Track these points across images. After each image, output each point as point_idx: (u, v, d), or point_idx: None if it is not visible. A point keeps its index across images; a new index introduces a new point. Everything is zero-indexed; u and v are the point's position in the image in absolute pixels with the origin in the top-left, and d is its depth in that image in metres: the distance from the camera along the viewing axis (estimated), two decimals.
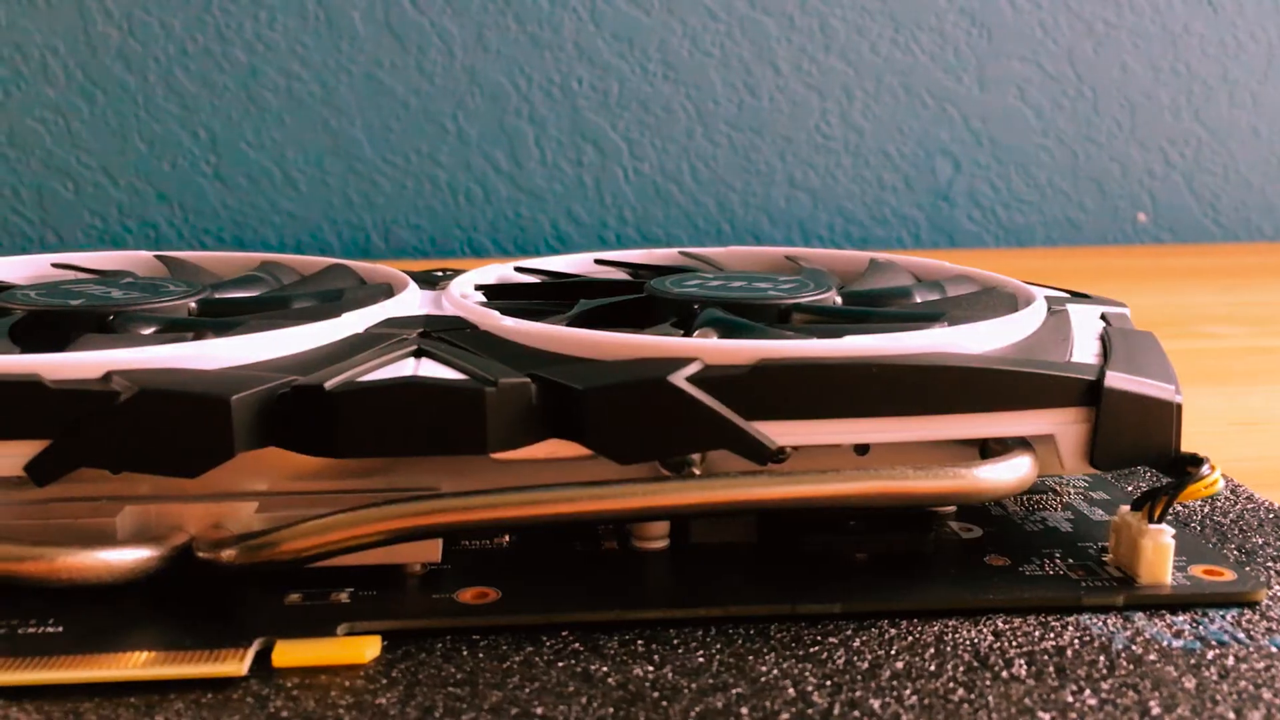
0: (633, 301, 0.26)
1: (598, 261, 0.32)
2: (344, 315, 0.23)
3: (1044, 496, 0.25)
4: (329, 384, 0.20)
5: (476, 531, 0.22)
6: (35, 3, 0.66)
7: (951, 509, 0.24)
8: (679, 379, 0.20)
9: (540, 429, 0.21)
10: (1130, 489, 0.26)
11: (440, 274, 0.30)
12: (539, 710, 0.17)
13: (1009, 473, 0.21)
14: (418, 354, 0.22)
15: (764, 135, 0.74)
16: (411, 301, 0.26)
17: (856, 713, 0.17)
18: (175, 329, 0.24)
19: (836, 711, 0.17)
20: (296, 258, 0.31)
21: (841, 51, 0.74)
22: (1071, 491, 0.26)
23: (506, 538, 0.23)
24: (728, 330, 0.23)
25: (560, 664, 0.19)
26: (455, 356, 0.22)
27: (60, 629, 0.19)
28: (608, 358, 0.21)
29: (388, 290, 0.27)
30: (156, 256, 0.31)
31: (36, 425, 0.20)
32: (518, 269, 0.30)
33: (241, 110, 0.69)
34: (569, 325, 0.23)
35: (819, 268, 0.30)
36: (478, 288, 0.28)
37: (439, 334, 0.23)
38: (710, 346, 0.21)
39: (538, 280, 0.30)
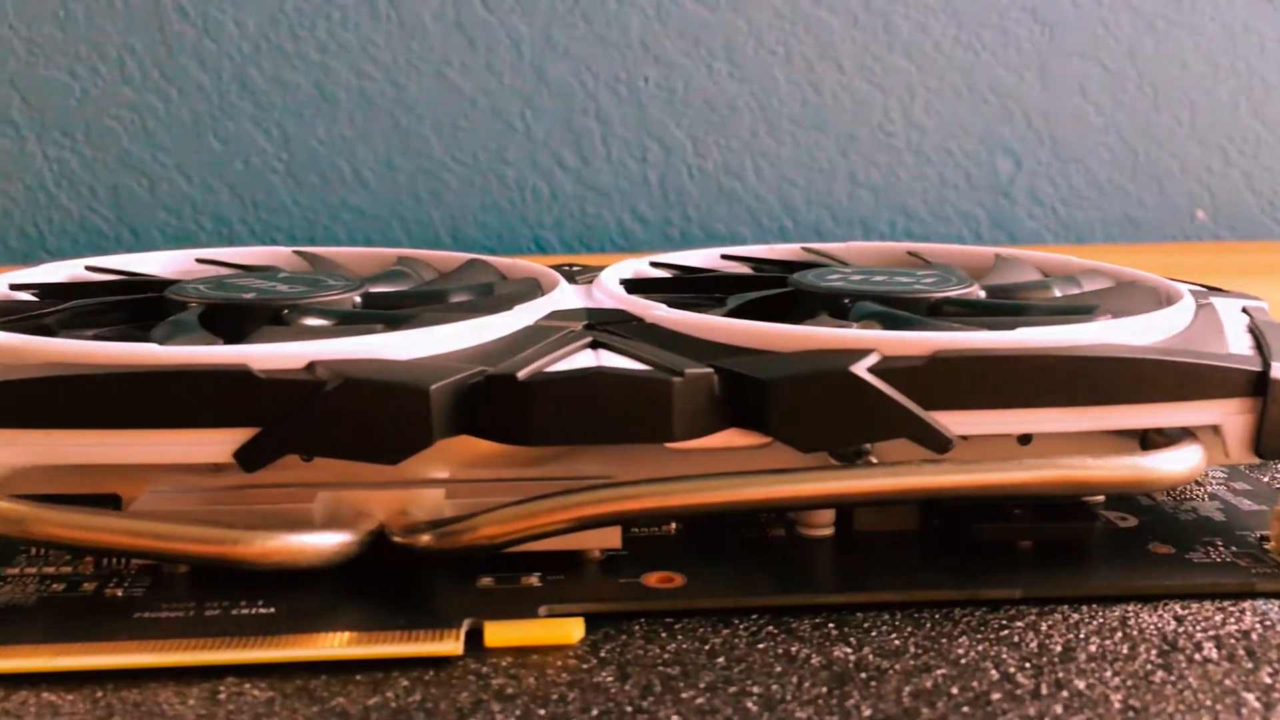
0: (780, 295, 0.27)
1: (724, 257, 0.32)
2: (515, 308, 0.24)
3: (1189, 487, 0.26)
4: (521, 374, 0.21)
5: (660, 518, 0.23)
6: (113, 2, 0.67)
7: (1100, 499, 0.25)
8: (861, 370, 0.21)
9: (721, 418, 0.21)
10: (1266, 479, 0.26)
11: (566, 268, 0.31)
12: (755, 689, 0.18)
13: (1183, 462, 0.21)
14: (593, 345, 0.23)
15: (827, 133, 0.75)
16: (569, 295, 0.26)
17: (1065, 693, 0.18)
18: (350, 321, 0.24)
19: (1045, 691, 0.18)
20: (429, 253, 0.32)
21: (905, 49, 0.74)
22: (1213, 482, 0.26)
23: (673, 526, 0.24)
24: (889, 323, 0.24)
25: (760, 645, 0.19)
26: (631, 348, 0.22)
27: (271, 610, 0.20)
28: (780, 349, 0.22)
29: (535, 285, 0.28)
30: (295, 252, 0.32)
31: (246, 413, 0.20)
32: (653, 264, 0.31)
33: (313, 108, 0.70)
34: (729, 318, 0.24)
35: (946, 263, 0.31)
36: (621, 282, 0.28)
37: (606, 326, 0.24)
38: (886, 339, 0.22)
39: (670, 275, 0.31)
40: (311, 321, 0.25)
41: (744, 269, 0.32)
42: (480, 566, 0.21)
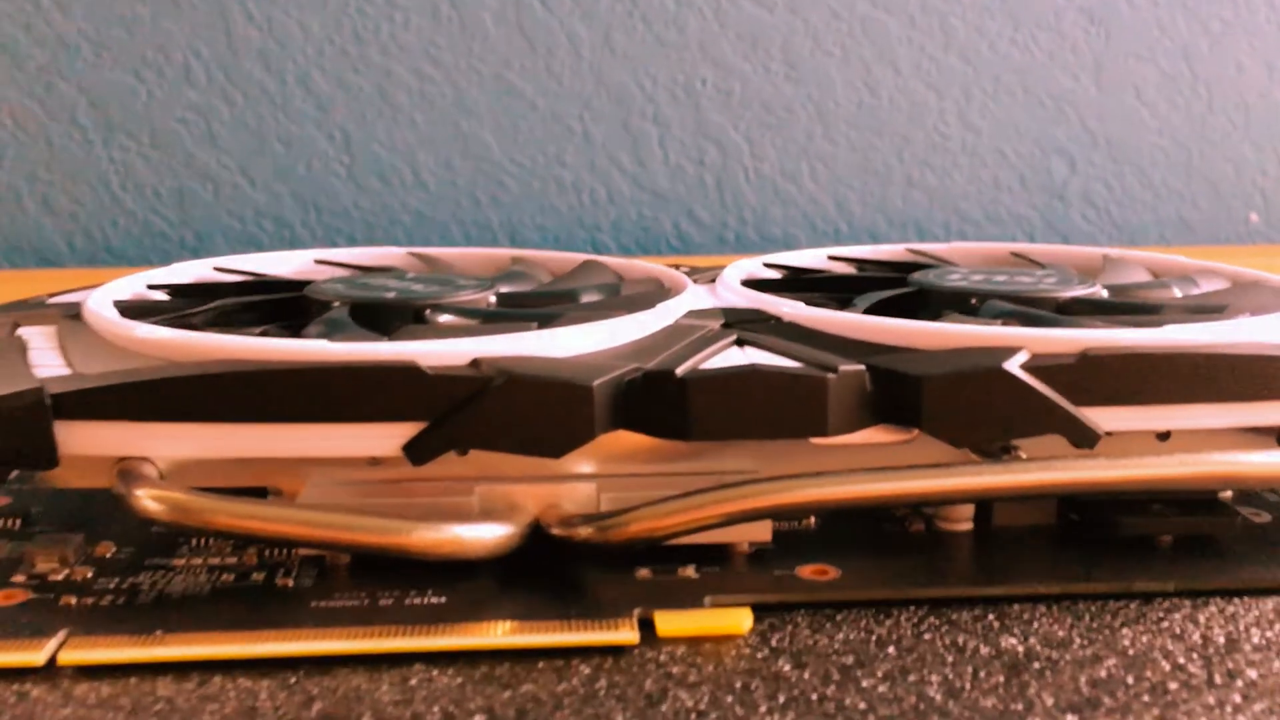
0: (906, 294, 0.27)
1: (831, 258, 0.33)
2: (657, 307, 0.24)
3: None
4: (680, 370, 0.21)
5: (814, 511, 0.23)
6: (179, 5, 0.68)
7: (1228, 494, 0.25)
8: (1013, 367, 0.21)
9: (870, 415, 0.22)
10: None
11: (674, 269, 0.31)
12: (934, 678, 0.18)
13: None
14: (739, 343, 0.23)
15: (883, 135, 0.75)
16: (700, 295, 0.27)
17: (1239, 683, 0.18)
18: (494, 320, 0.25)
19: (1219, 681, 0.18)
20: (541, 253, 0.32)
21: (961, 51, 0.75)
22: None
23: (812, 520, 0.24)
24: (1025, 322, 0.24)
25: (926, 636, 0.20)
26: (778, 345, 0.23)
27: (443, 600, 0.21)
28: (925, 347, 0.22)
29: (659, 284, 0.28)
30: (410, 253, 0.32)
31: (414, 408, 0.21)
32: (767, 264, 0.31)
33: (375, 111, 0.70)
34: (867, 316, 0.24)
35: (1056, 263, 0.31)
36: (743, 282, 0.29)
37: (745, 325, 0.24)
38: (1035, 336, 0.22)
39: (781, 275, 0.31)
40: (451, 320, 0.25)
41: (848, 269, 0.32)
42: (636, 559, 0.22)
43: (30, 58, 0.67)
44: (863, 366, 0.21)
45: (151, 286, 0.28)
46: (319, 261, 0.32)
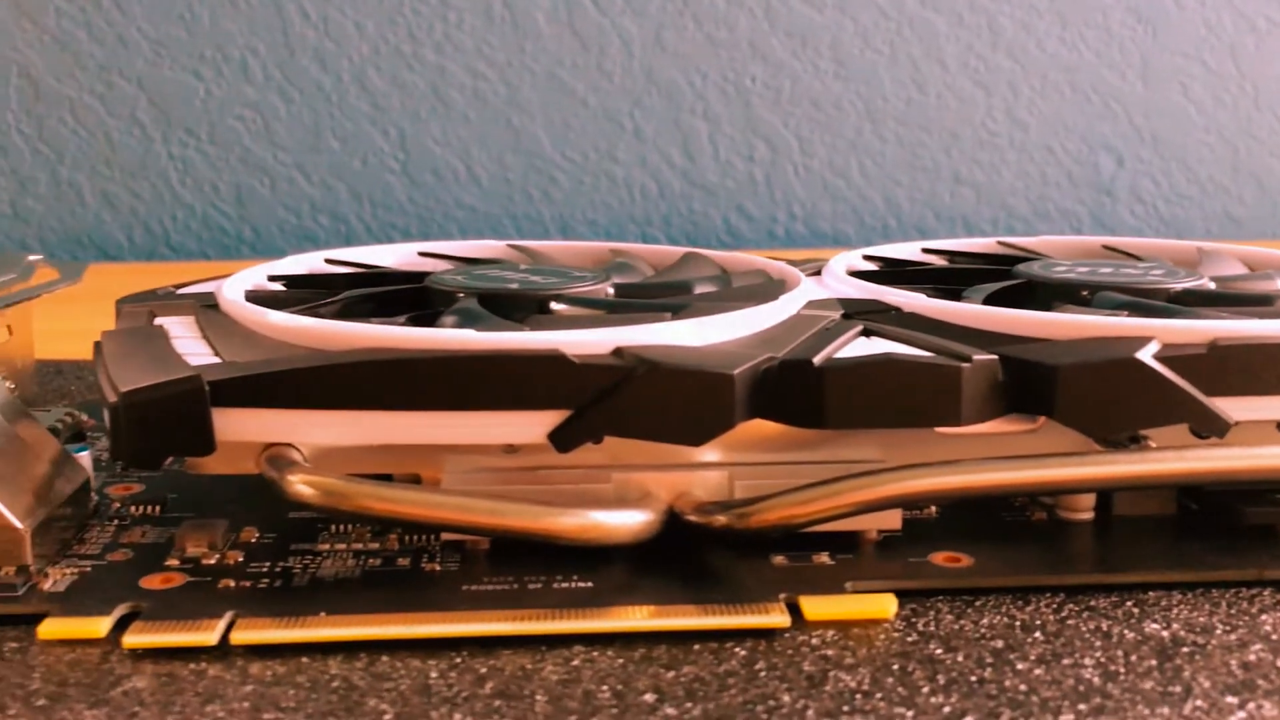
0: (1015, 286, 0.27)
1: (925, 250, 0.33)
2: (780, 298, 0.25)
3: None
4: (817, 360, 0.22)
5: (950, 500, 0.24)
6: (237, 4, 0.68)
7: None
8: (1146, 356, 0.21)
9: (1002, 404, 0.22)
10: None
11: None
12: (1087, 662, 0.19)
13: None
14: (866, 333, 0.24)
15: (931, 131, 0.75)
16: (813, 287, 0.27)
17: None
18: (620, 310, 0.25)
19: None
20: (639, 246, 0.32)
21: (1009, 49, 0.75)
22: None
23: (933, 509, 0.25)
24: (1142, 313, 0.24)
25: (1070, 622, 0.20)
26: (905, 335, 0.23)
27: (590, 584, 0.21)
28: (1052, 338, 0.23)
29: (767, 275, 0.29)
30: (510, 246, 0.33)
31: (559, 397, 0.21)
32: (866, 257, 0.32)
33: (429, 109, 0.71)
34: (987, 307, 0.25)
35: (1151, 256, 0.31)
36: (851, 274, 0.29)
37: (867, 315, 0.25)
38: (1165, 327, 0.22)
39: (876, 267, 0.31)
40: (575, 310, 0.26)
41: (940, 261, 0.33)
42: (770, 546, 0.22)
43: (91, 56, 0.68)
44: (995, 356, 0.22)
45: (272, 278, 0.28)
46: (422, 254, 0.32)
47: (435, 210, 0.72)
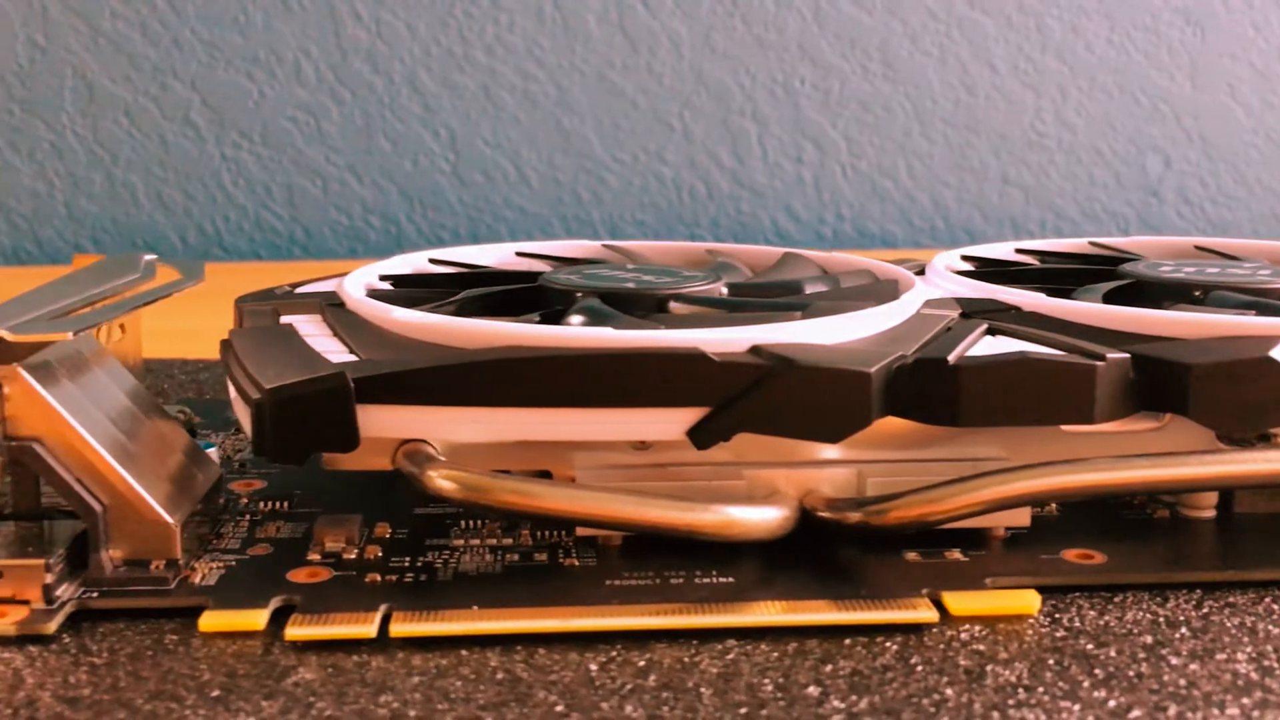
0: (1122, 286, 0.28)
1: (1019, 251, 0.33)
2: (901, 298, 0.25)
3: None
4: (952, 358, 0.22)
5: (1086, 497, 0.24)
6: (290, 7, 0.69)
7: None
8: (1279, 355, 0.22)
9: (1133, 402, 0.22)
10: None
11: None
12: (1240, 656, 0.19)
13: None
14: (991, 332, 0.24)
15: (979, 133, 0.75)
16: (925, 285, 0.27)
17: None
18: (738, 309, 0.26)
19: None
20: (734, 247, 0.33)
21: (1057, 50, 0.75)
22: None
23: (1054, 507, 0.25)
24: (1267, 312, 0.25)
25: (1213, 618, 0.20)
26: (1031, 334, 0.23)
27: (730, 579, 0.21)
28: (1179, 336, 0.23)
29: (871, 275, 0.29)
30: (605, 246, 0.33)
31: (698, 394, 0.21)
32: (963, 257, 0.32)
33: (480, 110, 0.71)
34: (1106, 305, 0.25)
35: (1245, 256, 0.31)
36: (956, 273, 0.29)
37: (986, 314, 0.25)
38: None
39: (973, 267, 0.32)
40: (693, 309, 0.26)
41: (1033, 260, 0.33)
42: (901, 542, 0.23)
43: (145, 58, 0.68)
44: (1127, 355, 0.22)
45: (383, 278, 0.29)
46: (520, 254, 0.32)
47: (485, 211, 0.72)
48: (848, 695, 0.18)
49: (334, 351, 0.23)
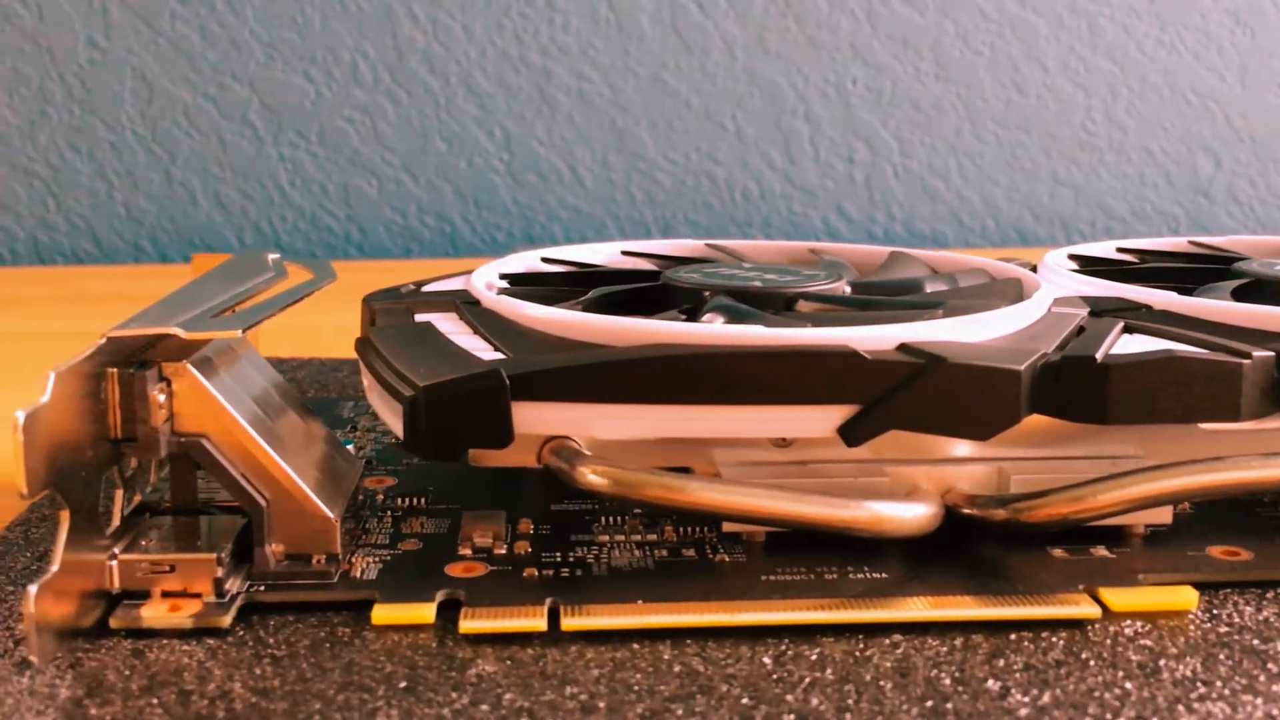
0: (1245, 285, 0.28)
1: (1120, 250, 0.33)
2: (1034, 296, 0.25)
3: None
4: (1099, 356, 0.22)
5: (1233, 494, 0.24)
6: (347, 8, 0.69)
7: None
8: None
9: (1274, 400, 0.22)
10: None
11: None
12: None
13: None
14: (1128, 330, 0.24)
15: (1030, 133, 0.75)
16: (1049, 285, 0.28)
17: None
18: (869, 308, 0.26)
19: None
20: (836, 246, 0.33)
21: (1108, 50, 0.75)
22: None
23: (1186, 505, 0.25)
24: None
25: None
26: (1170, 332, 0.23)
27: (883, 575, 0.21)
28: None
29: (988, 275, 0.29)
30: (707, 244, 0.33)
31: (849, 391, 0.22)
32: (1070, 256, 0.32)
33: (534, 110, 0.71)
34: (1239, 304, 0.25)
35: None
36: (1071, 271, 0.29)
37: (1114, 313, 0.25)
38: None
39: (1077, 266, 0.32)
40: (821, 307, 0.26)
41: (1131, 258, 0.33)
42: (1044, 539, 0.23)
43: (204, 58, 0.69)
44: (1273, 353, 0.22)
45: (503, 276, 0.29)
46: (625, 253, 0.33)
47: (539, 211, 0.72)
48: (1028, 689, 0.18)
49: (481, 349, 0.23)
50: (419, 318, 0.26)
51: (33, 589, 0.17)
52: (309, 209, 0.71)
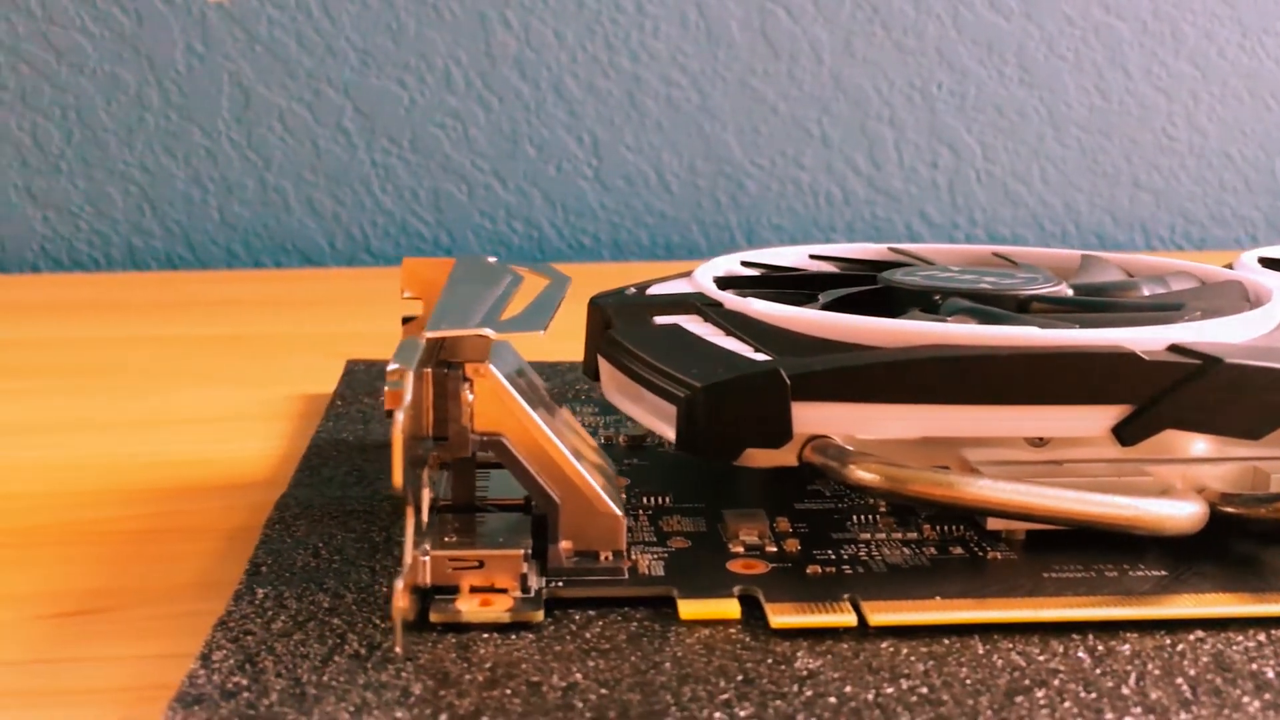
0: None
1: (1260, 260, 0.34)
2: (1274, 300, 0.26)
3: None
4: None
5: None
6: (441, 15, 0.70)
7: None
8: None
9: None
10: None
11: None
12: None
13: None
14: None
15: (1112, 137, 0.76)
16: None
17: None
18: (1105, 310, 0.26)
19: None
20: (1018, 249, 0.33)
21: (1190, 56, 0.75)
22: None
23: None
24: None
25: None
26: None
27: (1162, 573, 0.22)
28: None
29: (1192, 276, 0.30)
30: (890, 249, 0.34)
31: (1125, 392, 0.22)
32: (1260, 260, 0.32)
33: (623, 116, 0.72)
34: None
35: None
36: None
37: None
38: None
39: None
40: (1053, 309, 0.26)
41: None
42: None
43: (300, 65, 0.69)
44: None
45: (745, 264, 0.29)
46: (812, 256, 0.33)
47: (626, 216, 0.73)
48: None
49: (745, 350, 0.23)
50: (658, 320, 0.26)
51: (399, 584, 0.18)
52: (399, 214, 0.72)
